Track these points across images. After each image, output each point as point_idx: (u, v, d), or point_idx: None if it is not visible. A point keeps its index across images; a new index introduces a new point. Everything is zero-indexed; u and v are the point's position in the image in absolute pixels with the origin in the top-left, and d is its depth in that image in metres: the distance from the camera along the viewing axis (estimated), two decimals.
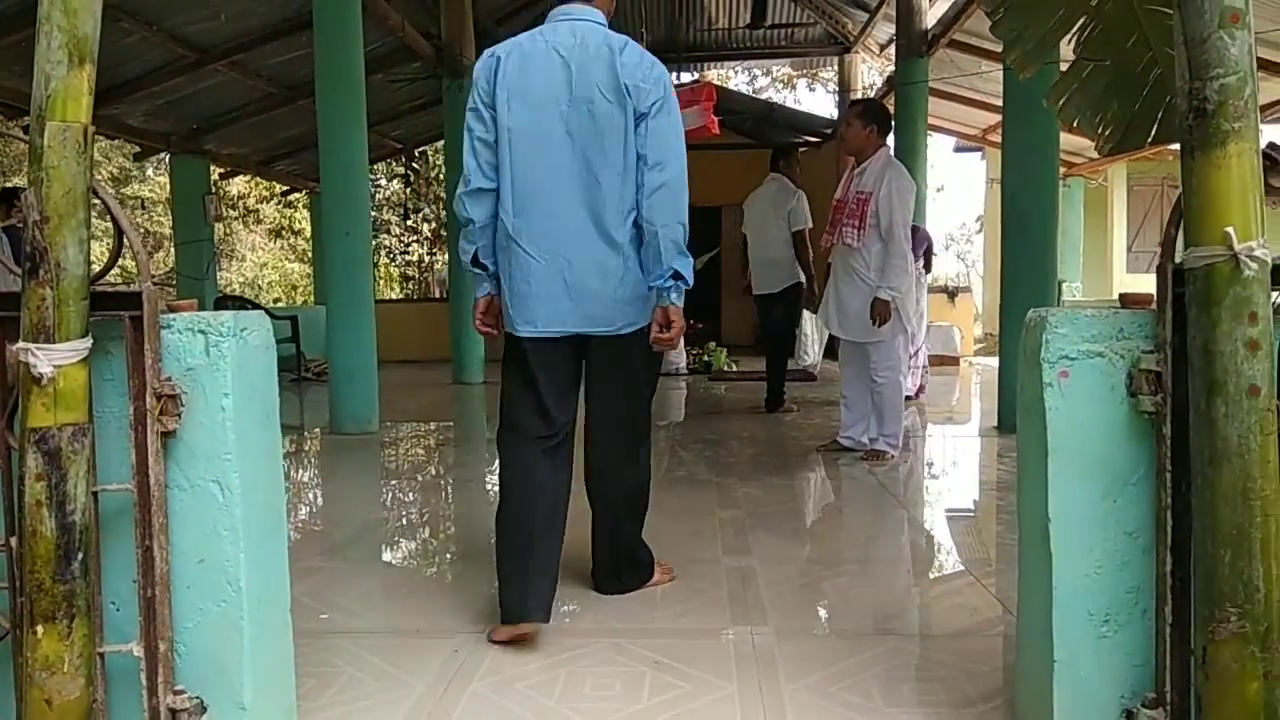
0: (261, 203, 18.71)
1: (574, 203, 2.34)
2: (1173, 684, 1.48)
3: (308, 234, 16.28)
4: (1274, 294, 1.39)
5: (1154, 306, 1.52)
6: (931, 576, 3.16)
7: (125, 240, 1.55)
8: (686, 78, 12.19)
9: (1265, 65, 7.21)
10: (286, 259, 20.18)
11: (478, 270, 2.46)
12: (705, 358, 9.82)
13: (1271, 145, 1.50)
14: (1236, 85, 1.36)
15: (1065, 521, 1.56)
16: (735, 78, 19.70)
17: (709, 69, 15.40)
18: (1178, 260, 1.45)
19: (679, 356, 9.50)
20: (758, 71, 19.80)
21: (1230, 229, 1.35)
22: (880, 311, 4.52)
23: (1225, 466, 1.35)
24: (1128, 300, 1.59)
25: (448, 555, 3.40)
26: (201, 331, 1.63)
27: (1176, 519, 1.46)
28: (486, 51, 2.42)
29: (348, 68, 5.68)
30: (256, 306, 8.54)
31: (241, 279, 19.67)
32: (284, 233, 19.66)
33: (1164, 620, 1.48)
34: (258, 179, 15.24)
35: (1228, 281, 1.34)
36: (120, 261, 1.64)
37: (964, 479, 4.69)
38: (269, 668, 1.74)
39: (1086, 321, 1.55)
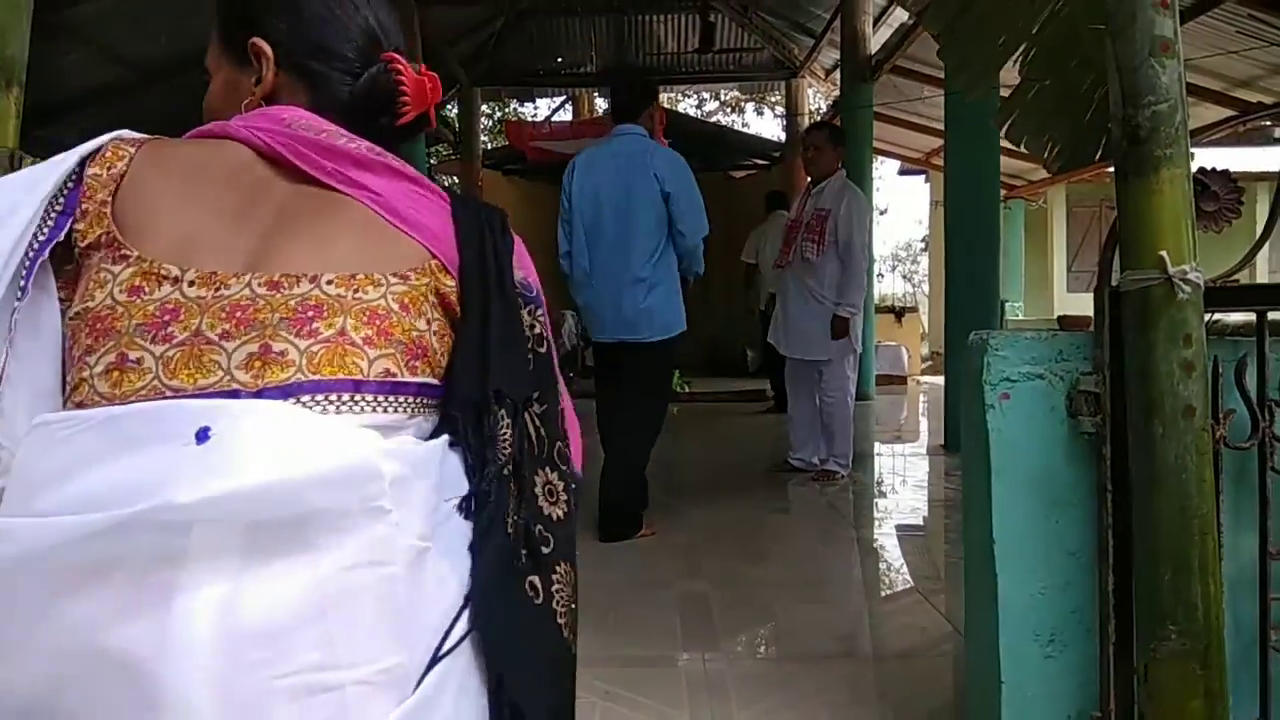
0: None
1: (616, 255, 3.58)
2: (1117, 702, 1.50)
3: None
4: (1206, 316, 1.42)
5: (1092, 329, 1.54)
6: (881, 596, 3.17)
7: None
8: None
9: (1196, 90, 7.47)
10: None
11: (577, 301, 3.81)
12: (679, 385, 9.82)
13: (1202, 171, 1.54)
14: (1168, 112, 1.40)
15: (1009, 542, 1.57)
16: (684, 101, 19.87)
17: (659, 92, 15.54)
18: (1114, 283, 1.47)
19: None
20: (707, 95, 20.00)
21: (1164, 253, 1.37)
22: (839, 328, 4.58)
23: (1163, 486, 1.37)
24: (1066, 322, 1.62)
25: None
26: None
27: (1118, 539, 1.48)
28: (573, 160, 3.76)
29: None
30: None
31: None
32: None
33: (1107, 639, 1.49)
34: None
35: (1162, 304, 1.37)
36: None
37: (913, 498, 4.72)
38: None
39: (1026, 344, 1.57)
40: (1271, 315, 1.52)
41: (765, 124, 20.81)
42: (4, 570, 0.65)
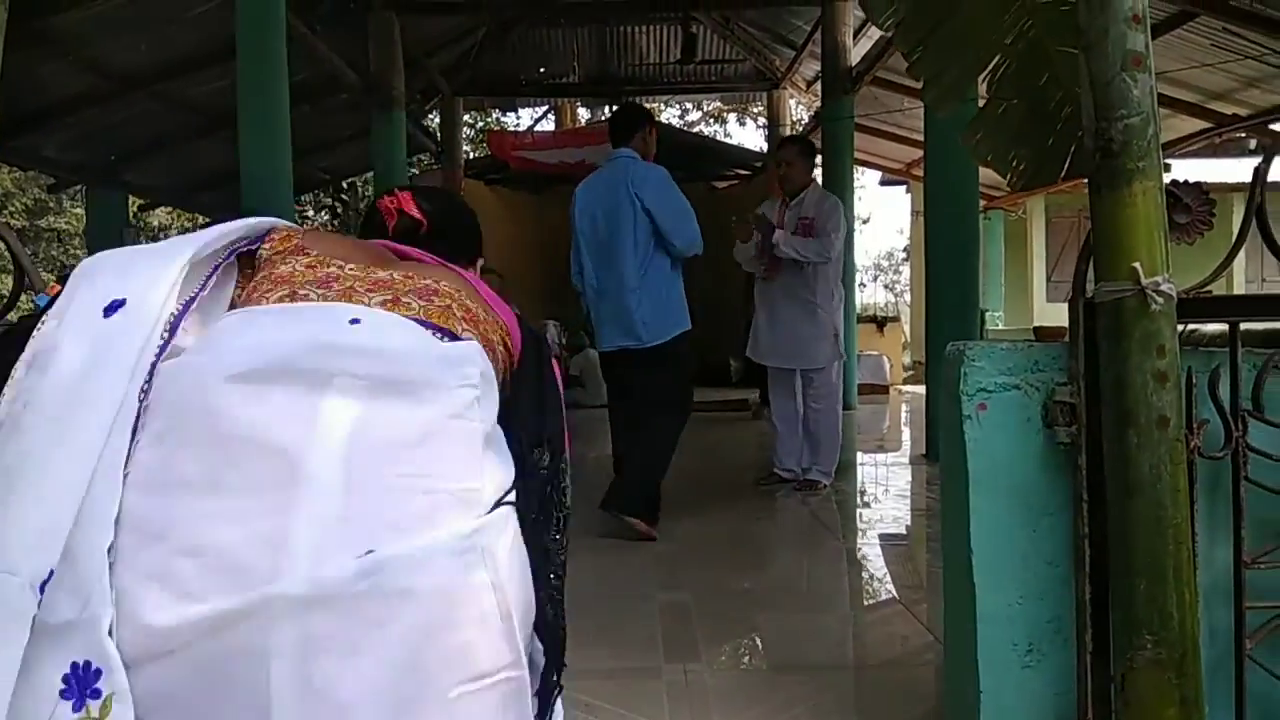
0: (185, 234, 18.25)
1: (611, 269, 3.87)
2: (1094, 712, 1.50)
3: None
4: (1183, 327, 1.44)
5: (1067, 339, 1.55)
6: (863, 606, 3.18)
7: (27, 277, 1.48)
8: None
9: (1172, 103, 7.56)
10: None
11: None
12: None
13: (1174, 183, 1.55)
14: (1140, 126, 1.41)
15: (987, 552, 1.58)
16: (666, 111, 19.93)
17: (642, 102, 15.56)
18: (1088, 295, 1.48)
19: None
20: (689, 105, 20.07)
21: (1137, 264, 1.39)
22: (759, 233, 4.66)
23: (1139, 496, 1.38)
24: (1043, 333, 1.64)
25: None
26: None
27: (1094, 548, 1.48)
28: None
29: (271, 98, 5.59)
30: None
31: None
32: None
33: (1084, 649, 1.50)
34: (179, 210, 14.88)
35: (1136, 316, 1.38)
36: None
37: (895, 507, 4.73)
38: None
39: (1002, 355, 1.58)
40: (1245, 326, 1.54)
41: (747, 134, 20.90)
42: (197, 381, 0.92)
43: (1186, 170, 1.68)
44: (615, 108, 8.08)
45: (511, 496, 1.00)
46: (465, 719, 0.89)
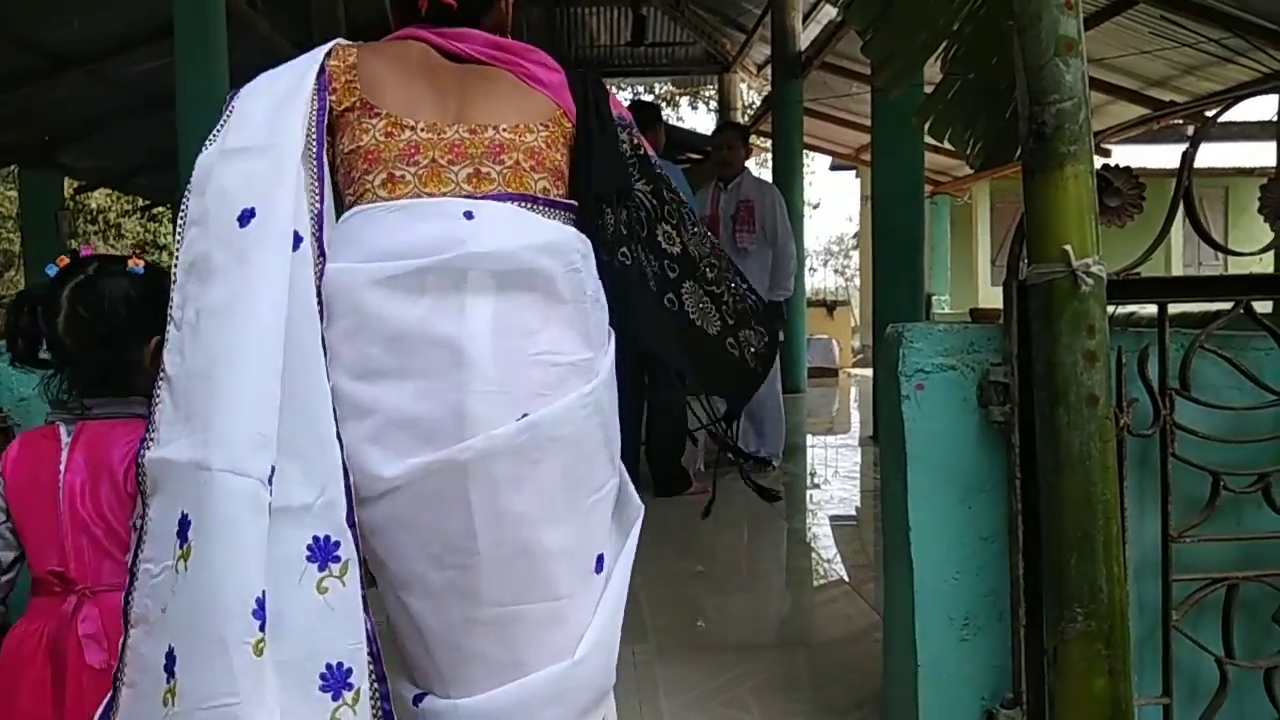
0: (123, 217, 17.78)
1: None
2: (1028, 683, 1.54)
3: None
4: (1109, 308, 1.47)
5: (1002, 321, 1.58)
6: (811, 586, 3.22)
7: None
8: None
9: (1112, 89, 7.70)
10: None
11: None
12: None
13: (1105, 167, 1.58)
14: (1072, 110, 1.44)
15: (924, 529, 1.61)
16: (618, 94, 19.86)
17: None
18: (1021, 276, 1.51)
19: None
20: (640, 88, 20.00)
21: (1068, 246, 1.41)
22: (776, 313, 4.70)
23: (1069, 473, 1.41)
24: (979, 315, 1.66)
25: None
26: None
27: (1027, 524, 1.52)
28: None
29: (210, 78, 5.45)
30: None
31: None
32: (148, 248, 18.71)
33: (1019, 622, 1.54)
34: (118, 193, 14.50)
35: (1066, 297, 1.41)
36: None
37: (843, 488, 4.79)
38: None
39: (939, 336, 1.60)
40: (1180, 308, 1.58)
41: (699, 118, 20.89)
42: (359, 278, 1.17)
43: (1125, 156, 1.72)
44: (629, 103, 8.15)
45: (610, 359, 1.29)
46: (594, 517, 1.27)
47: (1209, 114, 1.70)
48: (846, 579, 3.14)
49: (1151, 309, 1.57)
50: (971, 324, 1.63)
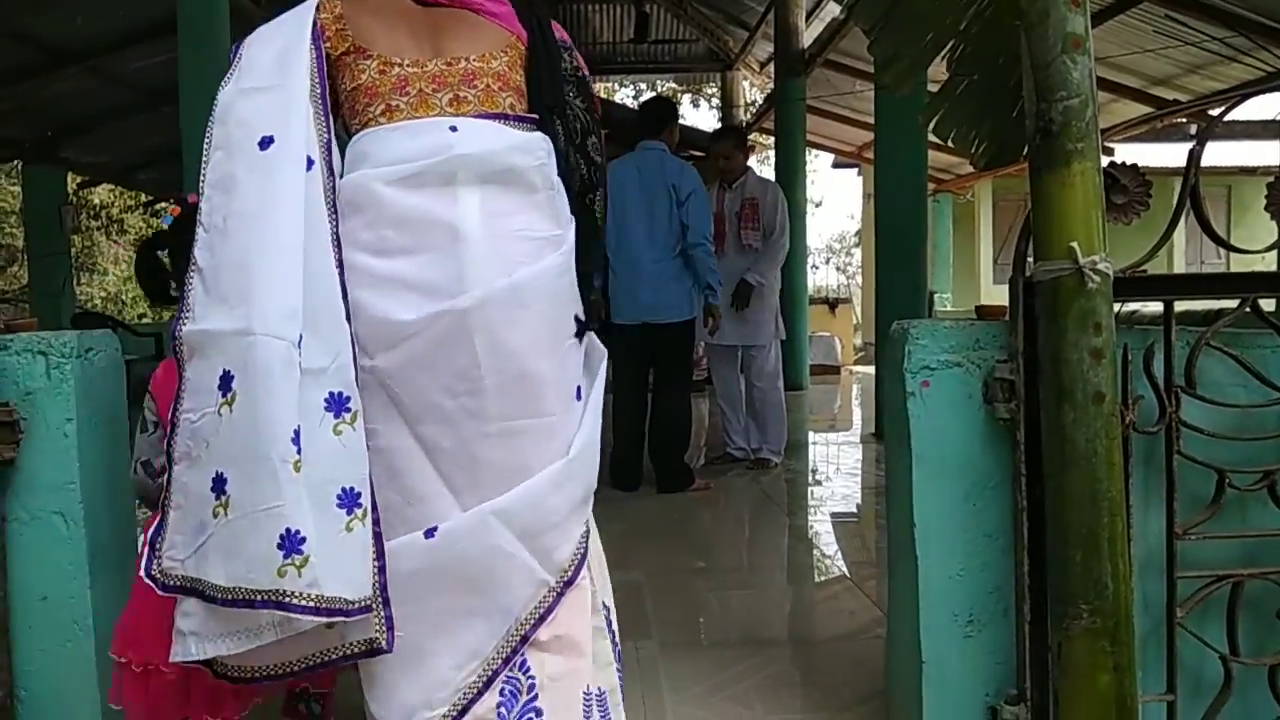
0: (126, 212, 17.76)
1: (641, 250, 4.27)
2: (1033, 680, 1.54)
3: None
4: (1115, 305, 1.47)
5: (1007, 318, 1.58)
6: (812, 583, 3.22)
7: None
8: None
9: (1115, 87, 7.69)
10: None
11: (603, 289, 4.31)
12: None
13: (1112, 165, 1.58)
14: (1079, 107, 1.44)
15: (930, 526, 1.61)
16: (620, 91, 19.82)
17: (595, 82, 15.46)
18: (1028, 274, 1.51)
19: None
20: (643, 86, 19.98)
21: (1075, 244, 1.41)
22: (743, 295, 4.71)
23: (1075, 470, 1.41)
24: (984, 312, 1.66)
25: None
26: (41, 353, 1.53)
27: (1032, 521, 1.52)
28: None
29: (213, 73, 5.45)
30: (119, 323, 8.08)
31: (104, 294, 18.55)
32: None
33: (1023, 619, 1.54)
34: (121, 188, 14.48)
35: (1073, 294, 1.41)
36: None
37: (845, 485, 4.80)
38: None
39: (945, 333, 1.60)
40: (1185, 306, 1.58)
41: (701, 116, 20.87)
42: (373, 180, 1.46)
43: (1128, 155, 1.71)
44: (646, 98, 8.16)
45: (571, 236, 1.57)
46: (571, 356, 1.56)
47: (1214, 112, 1.70)
48: (848, 575, 3.15)
49: (1153, 308, 1.57)
50: (977, 321, 1.63)
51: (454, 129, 1.49)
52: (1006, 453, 1.58)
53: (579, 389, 1.57)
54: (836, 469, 5.30)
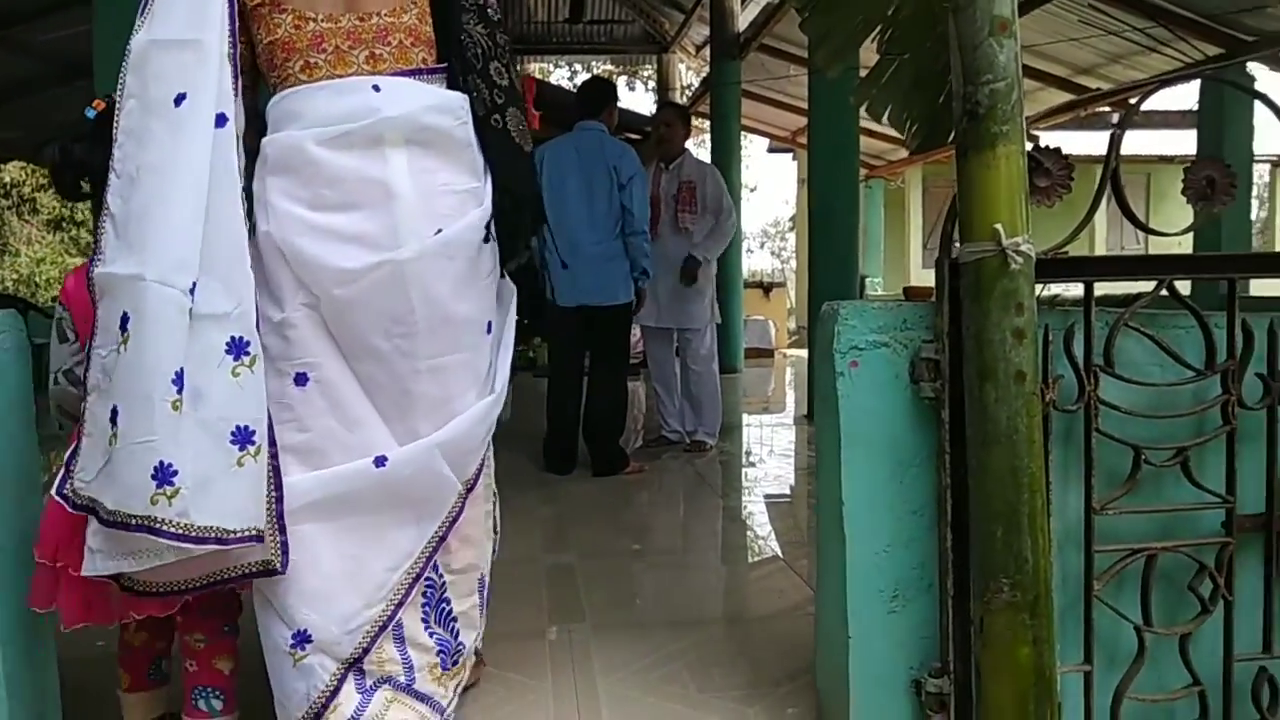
0: (39, 191, 17.05)
1: (579, 232, 4.21)
2: (955, 653, 1.57)
3: (91, 226, 14.93)
4: (1040, 288, 1.50)
5: (934, 299, 1.60)
6: (745, 563, 3.25)
7: None
8: None
9: (1042, 76, 7.87)
10: (68, 253, 18.40)
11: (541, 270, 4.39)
12: (530, 354, 9.75)
13: (1036, 148, 1.61)
14: (1005, 90, 1.45)
15: (857, 503, 1.63)
16: (556, 72, 19.66)
17: (530, 62, 15.29)
18: (953, 255, 1.53)
19: None
20: (579, 67, 19.85)
21: (999, 225, 1.43)
22: (690, 271, 4.72)
23: (996, 448, 1.44)
24: (912, 293, 1.69)
25: None
26: None
27: (956, 498, 1.54)
28: (539, 148, 4.06)
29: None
30: (30, 305, 7.74)
31: (15, 276, 17.79)
32: (64, 224, 17.98)
33: (946, 593, 1.57)
34: (33, 165, 13.88)
35: (996, 275, 1.43)
36: None
37: (778, 466, 4.85)
38: (30, 707, 1.57)
39: (873, 314, 1.62)
40: (1105, 289, 1.61)
41: (637, 99, 20.80)
42: (304, 141, 1.57)
43: (1053, 142, 1.74)
44: (584, 79, 8.06)
45: (489, 187, 1.72)
46: (486, 296, 1.74)
47: (1133, 100, 1.74)
48: (781, 555, 3.18)
49: (1077, 291, 1.60)
50: (904, 302, 1.65)
51: (377, 89, 1.60)
52: (932, 431, 1.61)
53: (490, 324, 1.76)
54: (770, 450, 5.35)
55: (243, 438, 1.45)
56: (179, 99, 1.47)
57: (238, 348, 1.46)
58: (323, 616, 1.58)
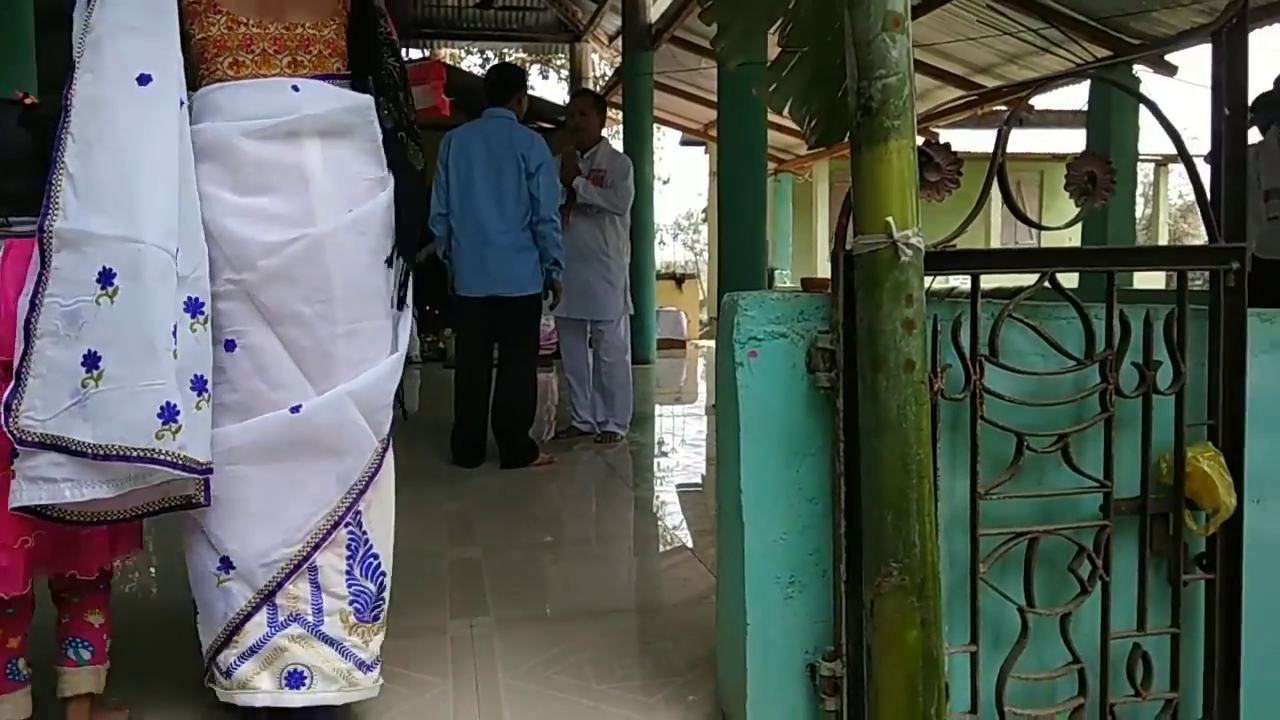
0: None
1: (488, 220, 4.20)
2: (848, 637, 1.61)
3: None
4: (934, 281, 1.54)
5: (830, 290, 1.62)
6: (654, 553, 3.26)
7: None
8: (416, 54, 11.81)
9: (940, 74, 8.09)
10: None
11: (446, 260, 4.38)
12: (440, 345, 9.61)
13: (927, 143, 1.65)
14: (897, 85, 1.48)
15: (755, 491, 1.65)
16: (468, 59, 19.37)
17: (440, 47, 15.02)
18: (848, 247, 1.56)
19: (413, 345, 9.20)
20: (490, 54, 19.59)
21: (890, 219, 1.46)
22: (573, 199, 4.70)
23: (887, 435, 1.47)
24: (809, 285, 1.71)
25: None
26: None
27: (849, 485, 1.58)
28: (447, 134, 4.32)
29: (16, 18, 4.98)
30: None
31: None
32: None
33: (839, 579, 1.60)
34: None
35: (888, 267, 1.46)
36: None
37: (689, 456, 4.88)
38: None
39: (771, 304, 1.64)
40: (994, 282, 1.66)
41: (550, 88, 20.64)
42: (230, 133, 1.74)
43: (953, 139, 1.79)
44: (492, 65, 7.90)
45: (393, 178, 1.90)
46: (389, 273, 1.91)
47: (1022, 95, 1.79)
48: (689, 545, 3.21)
49: (968, 287, 1.64)
50: (802, 293, 1.67)
51: (296, 89, 1.79)
52: (827, 420, 1.64)
53: (394, 297, 1.95)
54: (681, 440, 5.39)
55: (199, 385, 1.65)
56: (144, 79, 1.64)
57: (194, 307, 1.66)
58: (243, 548, 1.76)
